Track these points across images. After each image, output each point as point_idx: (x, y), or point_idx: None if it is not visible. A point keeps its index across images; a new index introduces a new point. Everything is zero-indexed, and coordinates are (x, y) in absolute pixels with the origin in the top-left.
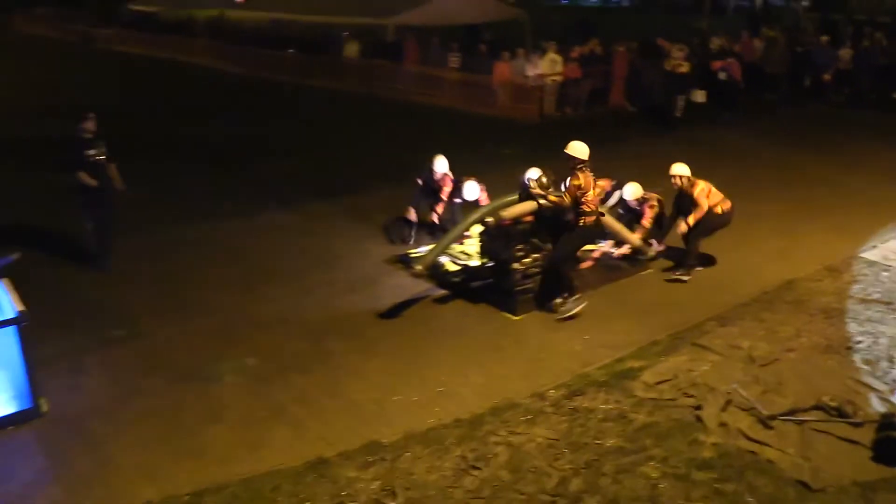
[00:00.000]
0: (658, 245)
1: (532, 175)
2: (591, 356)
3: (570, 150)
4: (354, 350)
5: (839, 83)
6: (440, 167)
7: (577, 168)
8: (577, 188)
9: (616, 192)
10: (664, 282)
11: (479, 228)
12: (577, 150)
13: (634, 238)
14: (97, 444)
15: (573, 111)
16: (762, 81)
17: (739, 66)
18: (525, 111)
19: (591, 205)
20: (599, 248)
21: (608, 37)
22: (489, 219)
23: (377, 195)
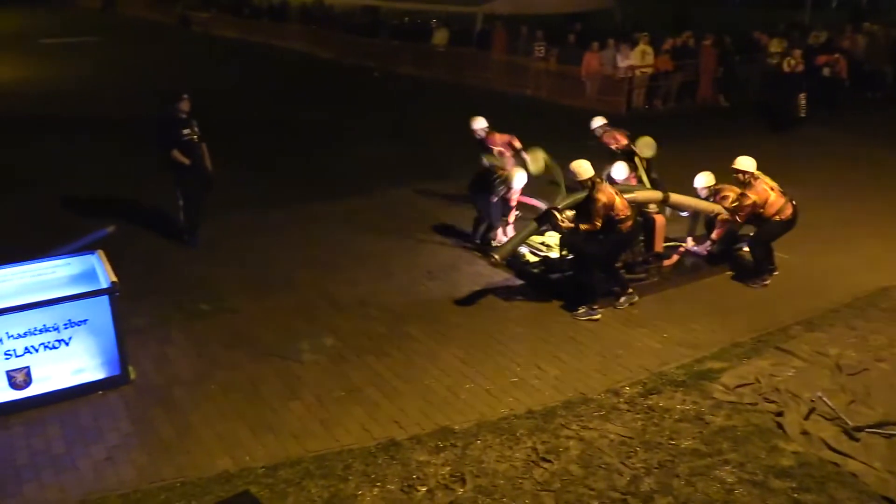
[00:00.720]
0: (696, 246)
1: (618, 172)
2: (670, 355)
3: (574, 168)
4: (430, 335)
5: None
6: (479, 125)
7: (590, 187)
8: (602, 207)
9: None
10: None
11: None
12: (582, 172)
13: (711, 206)
14: (179, 413)
15: (662, 104)
16: (863, 78)
17: (845, 63)
18: (612, 103)
19: (623, 212)
20: (683, 246)
21: (703, 29)
22: (569, 212)
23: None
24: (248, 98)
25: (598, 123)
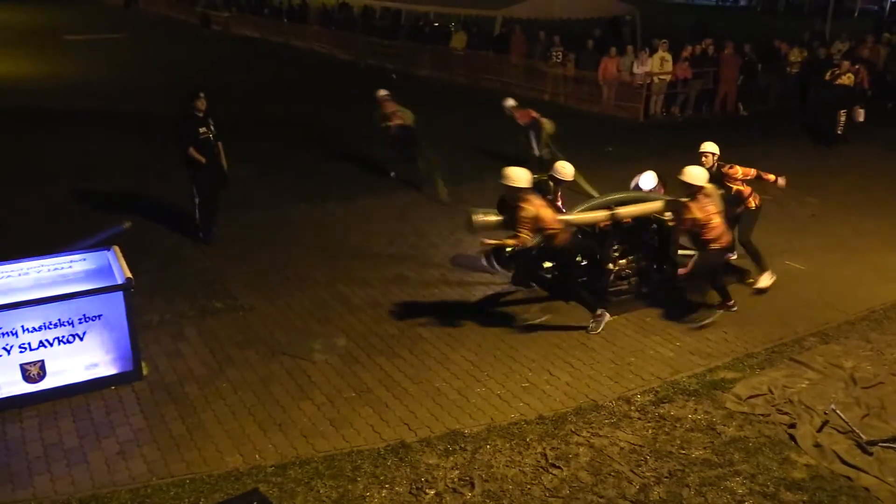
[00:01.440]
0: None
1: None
2: (682, 363)
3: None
4: (442, 338)
5: None
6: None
7: (520, 198)
8: (528, 219)
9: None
10: (755, 294)
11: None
12: (515, 178)
13: (655, 206)
14: (191, 410)
15: (680, 112)
16: (884, 89)
17: (867, 73)
18: (630, 110)
19: (551, 225)
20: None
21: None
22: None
23: (479, 186)
24: (265, 97)
25: (510, 104)
